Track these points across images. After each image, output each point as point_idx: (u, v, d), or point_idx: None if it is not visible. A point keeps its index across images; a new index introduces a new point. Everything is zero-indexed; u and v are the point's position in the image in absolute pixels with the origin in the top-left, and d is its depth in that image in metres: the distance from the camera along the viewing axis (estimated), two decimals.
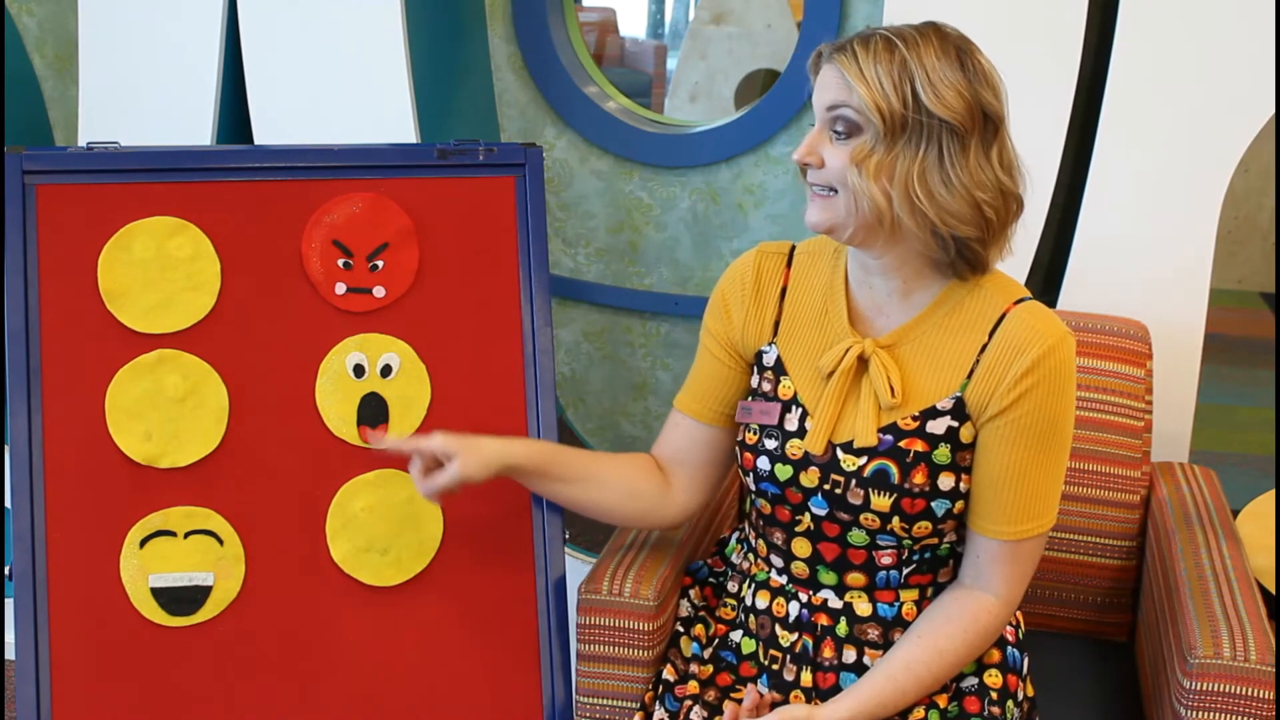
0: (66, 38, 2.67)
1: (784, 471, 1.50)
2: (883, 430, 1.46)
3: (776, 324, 1.55)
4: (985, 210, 1.38)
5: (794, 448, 1.49)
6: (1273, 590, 1.91)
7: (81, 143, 2.03)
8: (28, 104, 2.71)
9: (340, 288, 1.75)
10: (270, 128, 2.28)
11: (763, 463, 1.51)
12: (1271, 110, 1.95)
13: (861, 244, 1.44)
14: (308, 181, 1.77)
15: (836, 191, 1.40)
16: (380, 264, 1.76)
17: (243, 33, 2.26)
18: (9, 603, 1.72)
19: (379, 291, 1.76)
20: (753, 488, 1.55)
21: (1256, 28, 1.93)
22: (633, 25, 7.37)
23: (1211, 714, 1.44)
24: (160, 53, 2.28)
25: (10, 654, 2.31)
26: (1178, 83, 1.98)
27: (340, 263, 1.76)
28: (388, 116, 2.24)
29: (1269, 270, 5.41)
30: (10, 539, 1.66)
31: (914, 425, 1.45)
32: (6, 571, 1.65)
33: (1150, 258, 2.03)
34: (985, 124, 1.39)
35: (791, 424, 1.51)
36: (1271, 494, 2.22)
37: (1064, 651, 1.86)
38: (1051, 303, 2.11)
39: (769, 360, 1.55)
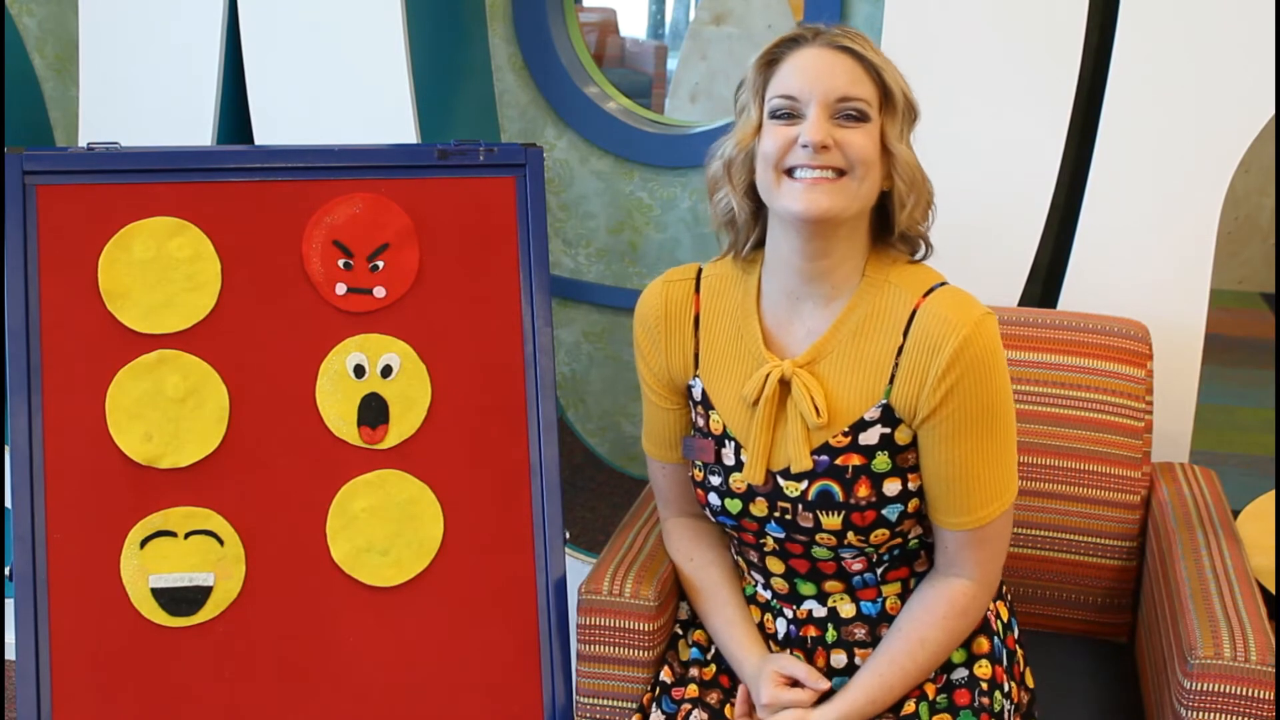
0: (66, 38, 2.67)
1: (734, 505, 1.50)
2: (816, 452, 1.45)
3: (697, 355, 1.54)
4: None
5: (736, 481, 1.49)
6: (1273, 590, 1.91)
7: (81, 143, 2.03)
8: (28, 104, 2.71)
9: (340, 288, 1.75)
10: (270, 128, 2.28)
11: (713, 498, 1.52)
12: (1271, 110, 1.95)
13: (837, 235, 1.42)
14: (308, 182, 1.76)
15: (844, 174, 1.39)
16: (380, 264, 1.76)
17: (243, 33, 2.26)
18: (9, 603, 1.72)
19: (379, 292, 1.76)
20: (712, 520, 1.55)
21: (1256, 28, 1.93)
22: (633, 25, 7.37)
23: (1212, 714, 1.43)
24: (160, 53, 2.29)
25: (10, 654, 2.31)
26: (1178, 83, 1.98)
27: (340, 263, 1.76)
28: (388, 116, 2.24)
29: (1269, 270, 5.41)
30: (10, 539, 1.66)
31: (846, 441, 1.44)
32: (6, 571, 1.65)
33: (1150, 258, 2.03)
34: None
35: (729, 458, 1.50)
36: (1271, 494, 2.22)
37: (1064, 651, 1.86)
38: (1052, 303, 2.11)
39: (697, 395, 1.54)
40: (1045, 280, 2.20)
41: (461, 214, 1.79)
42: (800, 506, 1.45)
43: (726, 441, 1.50)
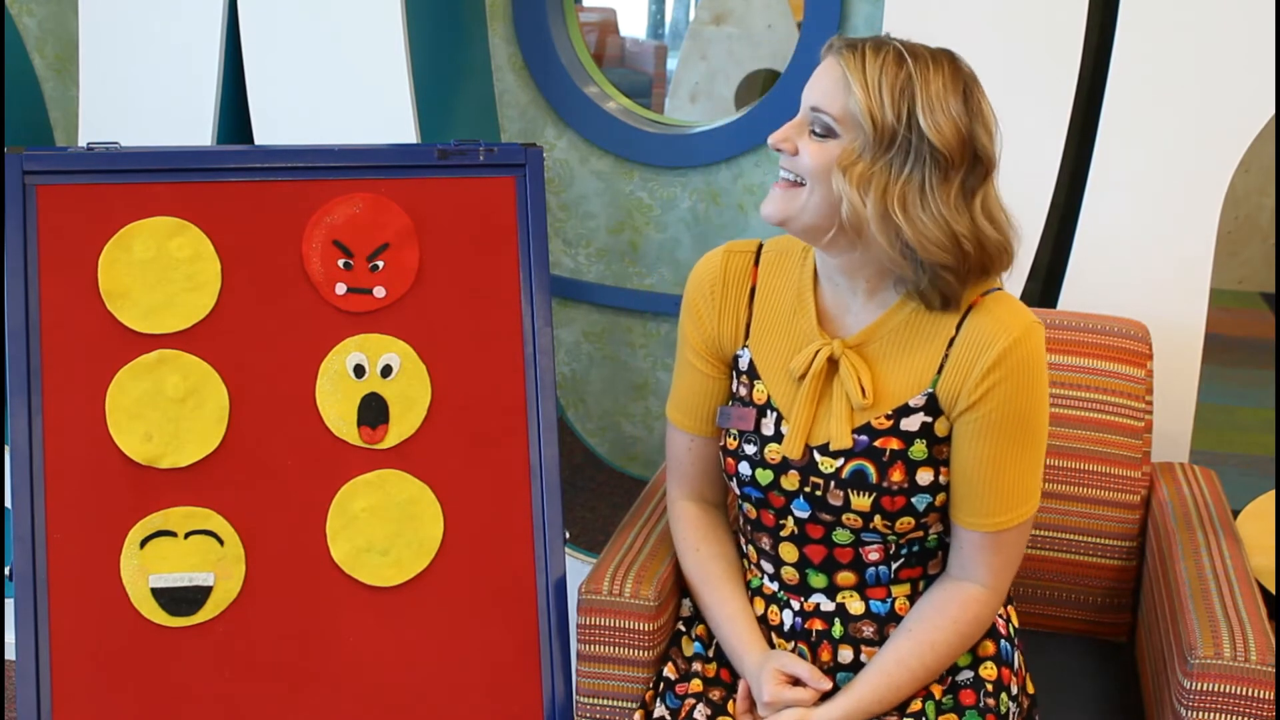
0: (66, 38, 2.67)
1: (764, 476, 1.50)
2: (857, 431, 1.46)
3: (748, 326, 1.55)
4: (964, 244, 1.37)
5: (772, 452, 1.50)
6: (1273, 590, 1.91)
7: (81, 143, 2.03)
8: (28, 104, 2.71)
9: (340, 288, 1.75)
10: (270, 128, 2.28)
11: (744, 468, 1.52)
12: (1271, 110, 1.95)
13: (814, 242, 1.44)
14: (308, 181, 1.77)
15: (804, 183, 1.40)
16: (380, 264, 1.76)
17: (243, 33, 2.26)
18: (9, 603, 1.72)
19: (379, 292, 1.76)
20: (737, 492, 1.56)
21: (1256, 28, 1.93)
22: (633, 25, 7.36)
23: (1212, 714, 1.43)
24: (160, 53, 2.29)
25: (10, 654, 2.31)
26: (1178, 83, 1.98)
27: (340, 263, 1.76)
28: (388, 116, 2.24)
29: (1269, 270, 5.41)
30: (10, 539, 1.66)
31: (888, 424, 1.45)
32: (6, 571, 1.65)
33: (1150, 258, 2.03)
34: (974, 164, 1.38)
35: (768, 428, 1.51)
36: (1271, 494, 2.22)
37: (1064, 651, 1.86)
38: (1052, 303, 2.11)
39: (743, 364, 1.55)
40: (1045, 280, 2.20)
41: (461, 214, 1.79)
42: (833, 484, 1.46)
43: (768, 412, 1.51)
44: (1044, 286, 2.19)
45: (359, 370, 1.74)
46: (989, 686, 1.49)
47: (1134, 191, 2.03)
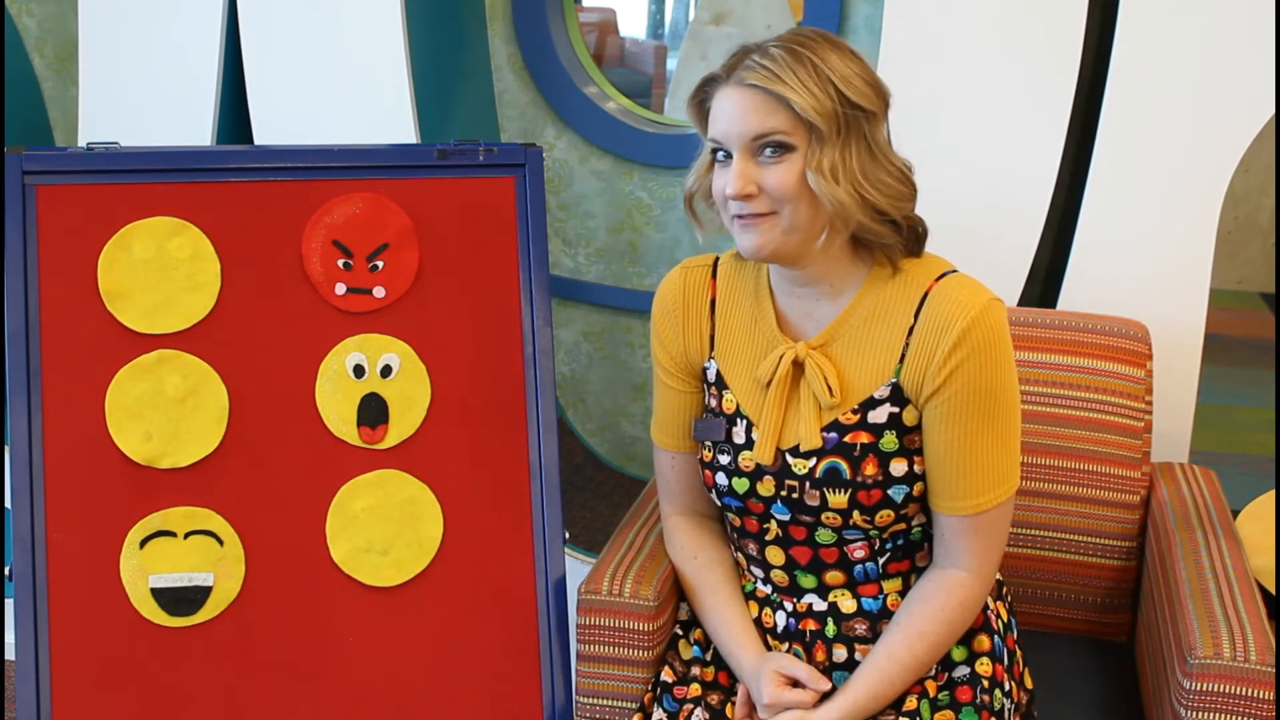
0: (66, 38, 2.68)
1: (741, 484, 1.51)
2: (825, 429, 1.47)
3: (713, 338, 1.56)
4: (911, 178, 1.44)
5: (745, 460, 1.51)
6: (1273, 590, 1.91)
7: (81, 143, 2.03)
8: (28, 104, 2.71)
9: (340, 288, 1.75)
10: (270, 128, 2.28)
11: (720, 478, 1.53)
12: (1271, 110, 1.95)
13: (793, 262, 1.44)
14: (308, 181, 1.77)
15: (776, 213, 1.40)
16: (380, 264, 1.76)
17: (243, 33, 2.26)
18: (9, 603, 1.72)
19: (379, 292, 1.76)
20: (718, 503, 1.57)
21: (1256, 28, 1.93)
22: (633, 25, 7.37)
23: (1211, 714, 1.43)
24: (160, 53, 2.29)
25: (10, 654, 2.31)
26: (1178, 83, 1.98)
27: (340, 263, 1.76)
28: (388, 116, 2.24)
29: (1269, 270, 5.41)
30: (10, 539, 1.66)
31: (855, 419, 1.46)
32: (6, 571, 1.65)
33: (1150, 258, 2.03)
34: (885, 106, 1.43)
35: (739, 436, 1.52)
36: (1271, 494, 2.22)
37: (1064, 651, 1.86)
38: (1051, 303, 2.11)
39: (711, 376, 1.56)
40: (1045, 280, 2.20)
41: (461, 214, 1.79)
42: (808, 484, 1.47)
43: (738, 420, 1.52)
44: (1044, 287, 2.19)
45: (359, 370, 1.74)
46: (985, 683, 1.49)
47: (1134, 191, 2.03)
